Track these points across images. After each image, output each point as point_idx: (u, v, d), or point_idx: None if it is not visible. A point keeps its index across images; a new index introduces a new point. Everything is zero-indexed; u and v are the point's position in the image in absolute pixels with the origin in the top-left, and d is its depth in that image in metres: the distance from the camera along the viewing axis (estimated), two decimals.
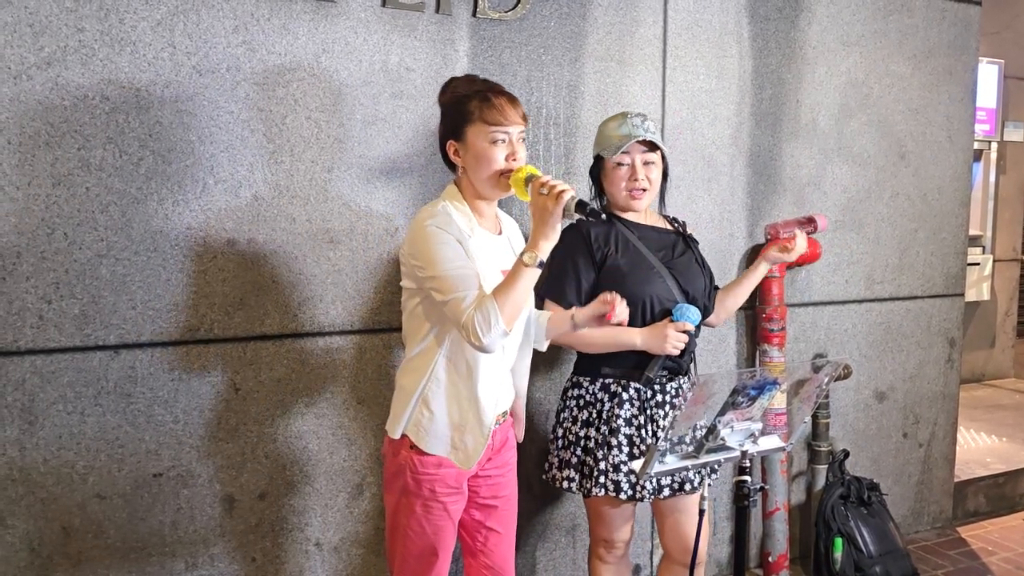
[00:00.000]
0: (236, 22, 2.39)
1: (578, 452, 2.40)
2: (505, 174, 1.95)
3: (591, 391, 2.40)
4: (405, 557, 2.07)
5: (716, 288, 2.63)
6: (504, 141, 1.95)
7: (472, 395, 2.01)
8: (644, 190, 2.37)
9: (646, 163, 2.36)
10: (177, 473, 2.43)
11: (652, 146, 2.36)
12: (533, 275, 1.87)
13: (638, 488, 2.32)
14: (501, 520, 2.20)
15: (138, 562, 2.40)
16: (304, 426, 2.58)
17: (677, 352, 2.29)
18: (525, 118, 2.00)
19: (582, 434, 2.40)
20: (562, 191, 1.82)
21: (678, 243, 2.47)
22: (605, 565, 2.49)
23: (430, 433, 2.00)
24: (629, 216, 2.44)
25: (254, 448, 2.52)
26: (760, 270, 2.68)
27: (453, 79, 2.07)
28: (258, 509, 2.54)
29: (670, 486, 2.36)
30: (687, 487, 2.36)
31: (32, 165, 2.20)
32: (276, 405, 2.53)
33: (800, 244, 2.60)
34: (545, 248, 1.86)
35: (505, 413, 2.15)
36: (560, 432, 2.45)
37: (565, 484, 2.41)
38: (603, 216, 1.87)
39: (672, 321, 2.30)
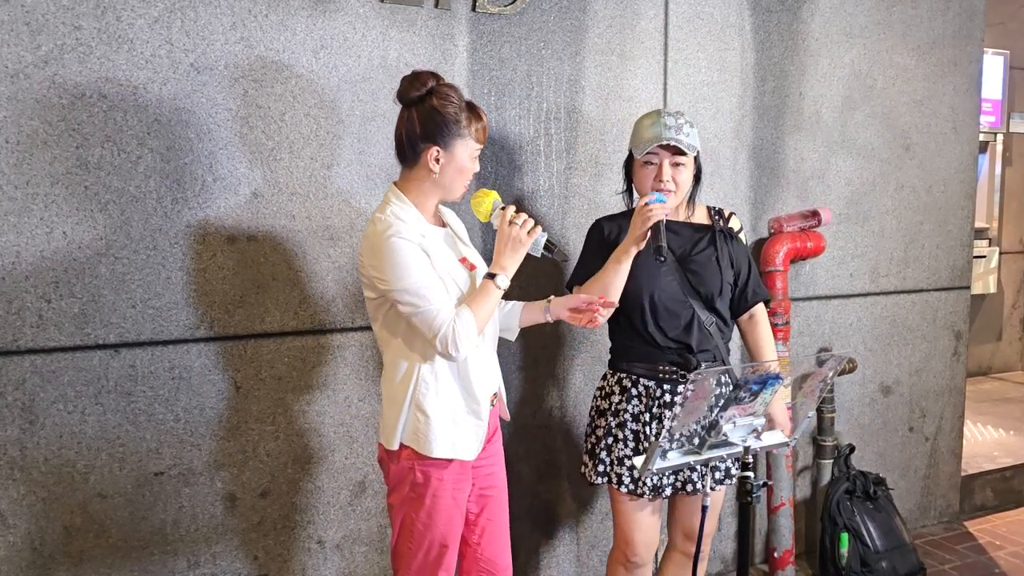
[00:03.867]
0: (234, 19, 2.38)
1: (593, 439, 2.43)
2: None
3: (611, 383, 2.42)
4: (415, 553, 2.07)
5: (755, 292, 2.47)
6: (477, 156, 2.06)
7: (467, 385, 2.03)
8: (670, 192, 2.29)
9: (675, 165, 2.28)
10: (178, 472, 2.42)
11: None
12: (500, 293, 2.02)
13: (639, 484, 2.31)
14: (495, 511, 2.21)
15: (140, 561, 2.40)
16: (305, 424, 2.57)
17: (654, 216, 2.18)
18: None
19: (598, 423, 2.43)
20: (534, 227, 2.02)
21: (703, 239, 2.38)
22: (623, 570, 2.45)
23: (430, 437, 1.99)
24: None
25: (255, 446, 2.51)
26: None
27: (441, 84, 2.01)
28: (260, 507, 2.54)
29: (673, 485, 2.34)
30: (689, 487, 2.33)
31: (30, 164, 2.19)
32: (277, 403, 2.53)
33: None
34: (511, 270, 2.02)
35: (496, 395, 2.16)
36: (588, 419, 2.49)
37: (582, 468, 2.46)
38: (566, 258, 2.12)
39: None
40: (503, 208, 2.03)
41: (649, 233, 2.19)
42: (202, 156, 2.37)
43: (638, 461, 1.84)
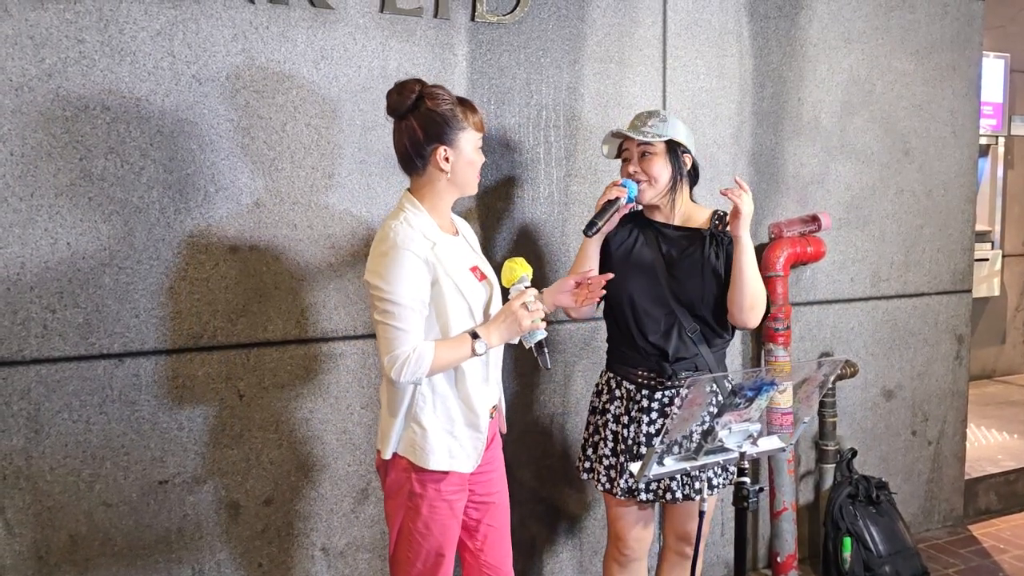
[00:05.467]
0: (235, 31, 2.40)
1: (585, 435, 2.50)
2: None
3: (602, 382, 2.47)
4: (412, 561, 2.08)
5: None
6: (480, 146, 2.09)
7: (465, 397, 2.04)
8: (641, 181, 2.31)
9: (642, 155, 2.31)
10: (183, 480, 2.44)
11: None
12: (470, 356, 1.99)
13: (615, 484, 2.35)
14: (496, 517, 2.22)
15: (145, 569, 2.42)
16: (308, 432, 2.59)
17: (609, 194, 2.26)
18: None
19: (590, 419, 2.48)
20: (541, 325, 2.04)
21: (691, 246, 2.35)
22: (617, 566, 2.49)
23: (426, 450, 2.00)
24: (654, 215, 2.40)
25: (259, 454, 2.53)
26: (740, 245, 2.25)
27: (427, 87, 2.03)
28: (264, 515, 2.55)
29: (655, 491, 2.34)
30: (668, 496, 2.32)
31: (34, 176, 2.22)
32: (280, 411, 2.54)
33: (736, 198, 2.22)
34: (496, 343, 2.02)
35: (496, 407, 2.18)
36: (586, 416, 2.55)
37: (576, 462, 2.52)
38: (548, 367, 2.09)
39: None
40: (527, 287, 2.06)
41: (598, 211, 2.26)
42: (204, 167, 2.39)
43: (634, 467, 1.85)
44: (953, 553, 3.63)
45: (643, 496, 2.34)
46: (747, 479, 1.87)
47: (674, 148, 2.33)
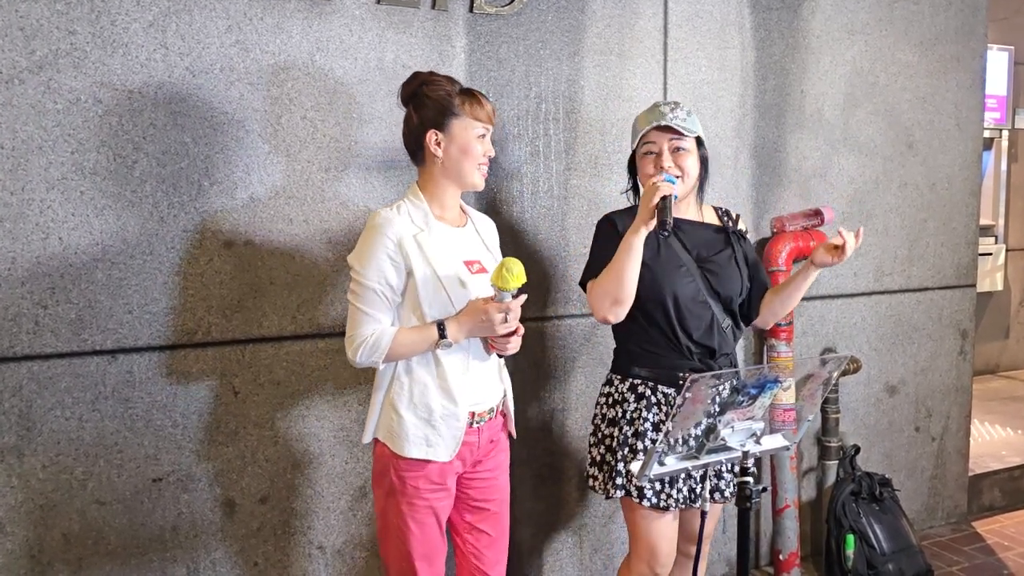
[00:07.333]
0: (229, 22, 2.36)
1: (602, 450, 2.31)
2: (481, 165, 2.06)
3: (620, 390, 2.30)
4: (396, 558, 2.07)
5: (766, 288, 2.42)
6: (484, 137, 2.05)
7: (444, 386, 2.01)
8: (676, 176, 2.19)
9: (675, 149, 2.20)
10: (177, 478, 2.41)
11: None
12: (434, 347, 1.98)
13: (663, 496, 2.20)
14: (492, 523, 2.19)
15: (139, 568, 2.39)
16: (305, 429, 2.56)
17: (662, 190, 2.05)
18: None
19: (607, 432, 2.30)
20: (516, 336, 2.04)
21: (718, 240, 2.32)
22: None
23: (402, 437, 1.99)
24: None
25: (254, 451, 2.50)
26: (811, 276, 2.32)
27: (432, 75, 2.05)
28: (259, 513, 2.52)
29: (700, 496, 2.23)
30: (716, 496, 2.28)
31: (25, 170, 2.18)
32: (276, 408, 2.51)
33: (850, 242, 2.21)
34: (460, 338, 1.98)
35: (492, 410, 2.13)
36: (592, 428, 2.37)
37: (590, 482, 2.34)
38: (486, 360, 2.10)
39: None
40: (514, 296, 1.96)
41: (657, 211, 2.06)
42: (198, 160, 2.36)
43: (635, 467, 1.82)
44: (957, 551, 3.60)
45: (708, 505, 2.06)
46: (750, 479, 1.83)
47: (700, 143, 2.28)
